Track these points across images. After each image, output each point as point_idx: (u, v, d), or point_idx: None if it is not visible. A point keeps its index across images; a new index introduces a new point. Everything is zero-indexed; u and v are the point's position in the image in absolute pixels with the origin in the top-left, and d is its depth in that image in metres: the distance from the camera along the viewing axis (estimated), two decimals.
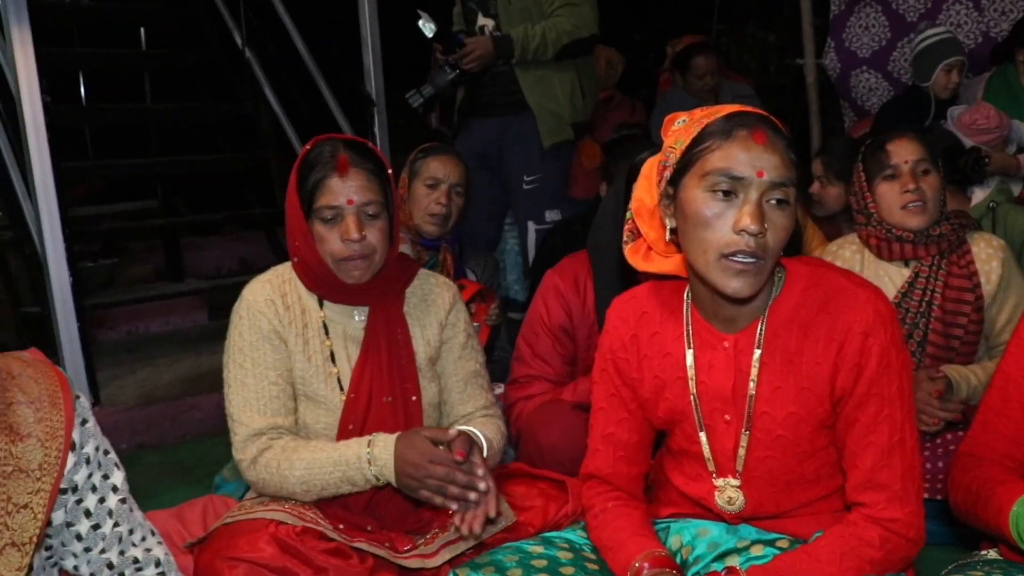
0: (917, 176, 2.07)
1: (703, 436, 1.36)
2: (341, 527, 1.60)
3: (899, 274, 2.13)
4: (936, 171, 2.11)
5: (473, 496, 1.51)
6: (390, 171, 1.69)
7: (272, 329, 1.65)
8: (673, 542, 1.42)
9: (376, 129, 3.61)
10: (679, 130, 1.28)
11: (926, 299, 2.09)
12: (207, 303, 4.23)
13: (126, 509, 1.32)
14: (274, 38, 4.30)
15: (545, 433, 2.02)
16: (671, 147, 1.28)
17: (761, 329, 1.30)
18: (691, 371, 1.35)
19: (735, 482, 1.36)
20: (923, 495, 1.35)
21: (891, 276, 2.13)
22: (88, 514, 1.28)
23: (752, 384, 1.31)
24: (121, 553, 1.31)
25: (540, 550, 1.38)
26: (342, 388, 1.66)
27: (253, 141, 4.44)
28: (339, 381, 1.66)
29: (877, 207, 2.12)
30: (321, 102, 4.05)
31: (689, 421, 1.37)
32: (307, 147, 1.66)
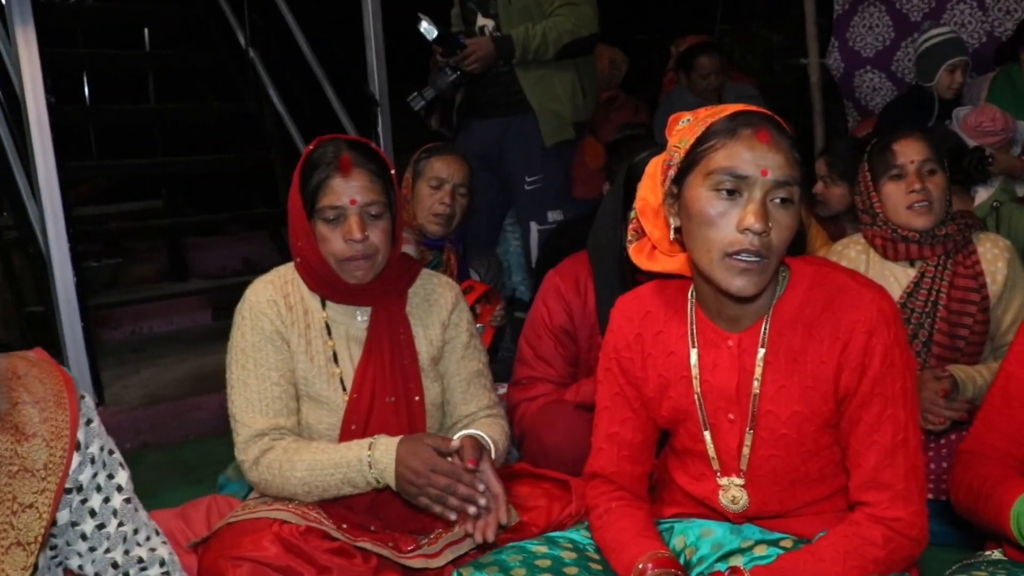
0: (923, 176, 2.07)
1: (707, 435, 1.36)
2: (345, 527, 1.60)
3: (905, 274, 2.12)
4: (942, 171, 2.11)
5: (472, 510, 1.50)
6: (393, 171, 1.69)
7: (274, 330, 1.65)
8: (677, 542, 1.41)
9: (380, 129, 3.60)
10: (683, 129, 1.28)
11: (932, 299, 2.08)
12: (211, 303, 4.23)
13: (131, 509, 1.32)
14: (278, 38, 4.30)
15: (549, 433, 2.01)
16: (675, 146, 1.28)
17: (765, 328, 1.30)
18: (695, 370, 1.35)
19: (739, 481, 1.36)
20: (927, 494, 1.35)
21: (896, 276, 2.12)
22: (93, 514, 1.28)
23: (756, 383, 1.30)
24: (126, 553, 1.31)
25: (544, 550, 1.38)
26: (345, 388, 1.66)
27: (257, 141, 4.44)
28: (342, 381, 1.66)
29: (883, 207, 2.11)
30: (325, 102, 4.05)
31: (693, 420, 1.37)
32: (310, 147, 1.66)
